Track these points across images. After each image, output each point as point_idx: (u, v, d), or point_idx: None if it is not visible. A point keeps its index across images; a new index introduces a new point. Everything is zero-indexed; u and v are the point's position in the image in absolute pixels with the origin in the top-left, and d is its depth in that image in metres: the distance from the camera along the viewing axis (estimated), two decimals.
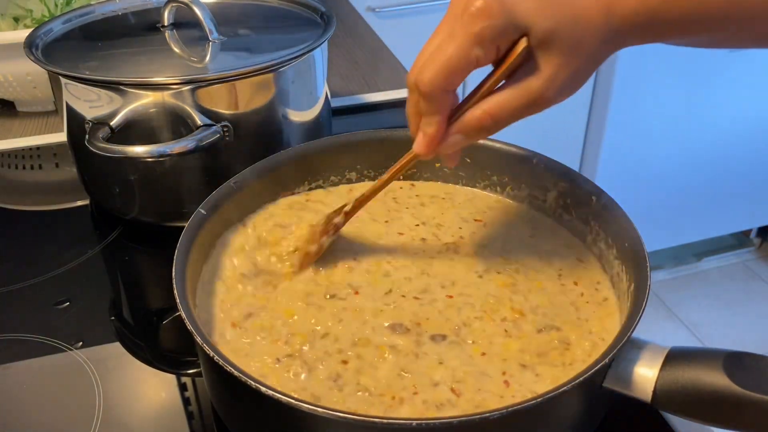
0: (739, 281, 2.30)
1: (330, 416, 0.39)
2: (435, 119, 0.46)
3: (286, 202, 0.65)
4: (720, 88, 1.93)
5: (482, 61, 0.43)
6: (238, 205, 0.61)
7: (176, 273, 0.50)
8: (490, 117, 0.45)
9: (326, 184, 0.67)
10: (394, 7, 1.68)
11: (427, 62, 0.43)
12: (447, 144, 0.47)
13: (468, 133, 0.46)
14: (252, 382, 0.41)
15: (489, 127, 0.45)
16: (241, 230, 0.60)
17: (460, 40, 0.42)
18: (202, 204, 0.57)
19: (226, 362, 0.42)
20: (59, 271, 0.70)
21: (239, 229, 0.60)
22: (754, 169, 2.12)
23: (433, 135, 0.46)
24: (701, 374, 0.41)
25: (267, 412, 0.44)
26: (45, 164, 0.90)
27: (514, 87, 0.44)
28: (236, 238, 0.60)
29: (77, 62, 0.70)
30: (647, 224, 0.54)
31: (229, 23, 0.77)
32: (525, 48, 0.42)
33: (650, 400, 0.43)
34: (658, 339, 0.45)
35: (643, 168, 2.01)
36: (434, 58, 0.43)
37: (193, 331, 0.45)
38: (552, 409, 0.43)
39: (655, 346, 0.44)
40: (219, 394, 0.50)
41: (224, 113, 0.67)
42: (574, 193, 0.59)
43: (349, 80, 1.08)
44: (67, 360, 0.59)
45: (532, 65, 0.43)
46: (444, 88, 0.44)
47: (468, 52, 0.42)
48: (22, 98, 0.99)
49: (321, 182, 0.67)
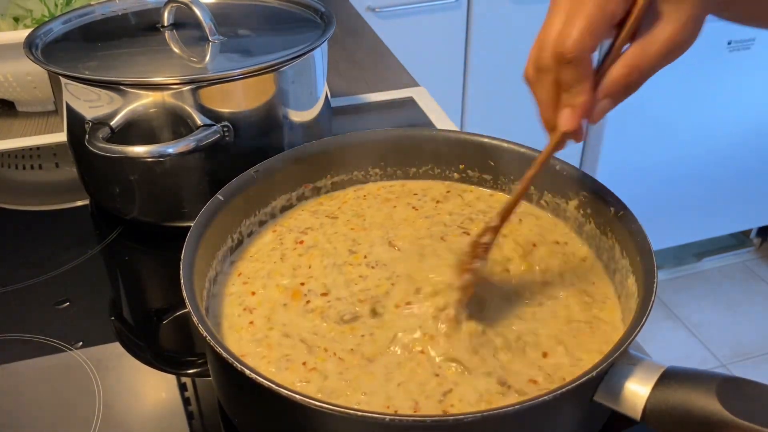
0: (739, 281, 2.30)
1: (341, 413, 0.39)
2: (584, 86, 0.45)
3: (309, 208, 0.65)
4: (720, 89, 1.93)
5: (617, 13, 0.44)
6: (257, 197, 0.61)
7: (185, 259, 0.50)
8: (636, 69, 0.45)
9: (349, 179, 0.68)
10: (394, 7, 1.68)
11: (565, 28, 0.44)
12: (597, 111, 0.46)
13: (616, 94, 0.46)
14: (263, 380, 0.41)
15: (636, 80, 0.45)
16: None
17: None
18: (221, 190, 0.57)
19: (235, 359, 0.42)
20: (59, 271, 0.70)
21: None
22: (754, 169, 2.12)
23: (584, 104, 0.46)
24: (693, 397, 0.41)
25: (277, 410, 0.44)
26: (45, 164, 0.90)
27: (647, 38, 0.44)
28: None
29: (77, 62, 0.70)
30: (647, 224, 0.54)
31: (229, 23, 0.77)
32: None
33: (639, 417, 0.43)
34: (658, 339, 0.45)
35: (643, 168, 2.01)
36: (572, 22, 0.43)
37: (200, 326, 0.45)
38: (537, 419, 0.43)
39: (651, 363, 0.44)
40: (227, 390, 0.50)
41: (224, 113, 0.67)
42: (594, 203, 0.59)
43: (349, 80, 1.08)
44: (67, 360, 0.59)
45: (654, 14, 0.44)
46: (591, 47, 0.44)
47: (604, 8, 0.43)
48: (22, 98, 0.99)
49: (344, 176, 0.67)
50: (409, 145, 0.68)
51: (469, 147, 0.66)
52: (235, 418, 0.50)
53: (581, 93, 0.45)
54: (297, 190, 0.65)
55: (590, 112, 0.47)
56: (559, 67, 0.45)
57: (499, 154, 0.65)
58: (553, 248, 0.60)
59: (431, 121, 0.96)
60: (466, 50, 1.76)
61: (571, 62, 0.44)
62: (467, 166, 0.67)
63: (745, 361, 2.02)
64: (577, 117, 0.46)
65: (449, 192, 0.67)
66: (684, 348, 2.06)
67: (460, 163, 0.68)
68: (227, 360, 0.42)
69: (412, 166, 0.69)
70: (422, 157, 0.68)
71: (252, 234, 0.62)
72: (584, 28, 0.43)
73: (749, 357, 2.03)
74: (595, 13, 0.43)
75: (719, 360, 2.02)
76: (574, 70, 0.44)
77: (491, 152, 0.66)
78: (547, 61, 0.45)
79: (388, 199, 0.67)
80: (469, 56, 1.76)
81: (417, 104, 1.00)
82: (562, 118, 0.47)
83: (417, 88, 1.05)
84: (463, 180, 0.68)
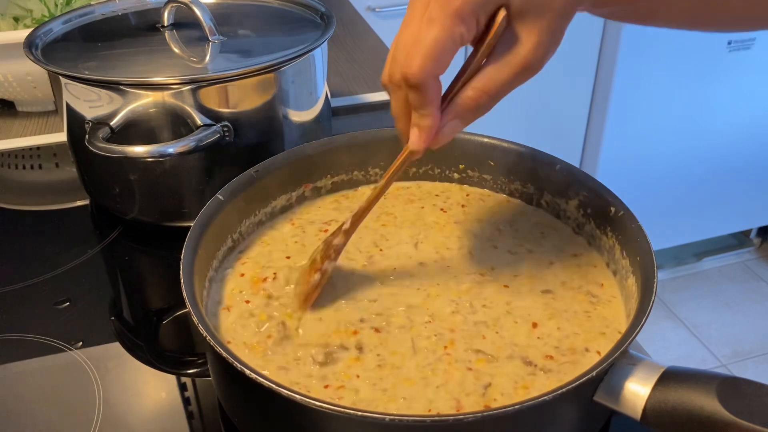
0: (739, 281, 2.30)
1: (341, 413, 0.40)
2: (429, 110, 0.45)
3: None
4: (720, 88, 1.93)
5: (466, 38, 0.42)
6: (257, 197, 0.61)
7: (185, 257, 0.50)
8: (485, 93, 0.44)
9: (349, 179, 0.68)
10: (394, 7, 1.68)
11: (412, 51, 0.42)
12: (444, 133, 0.46)
13: (464, 116, 0.46)
14: (264, 380, 0.41)
15: (485, 104, 0.45)
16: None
17: (441, 21, 0.41)
18: (220, 190, 0.57)
19: (235, 359, 0.42)
20: (59, 271, 0.70)
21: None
22: (754, 169, 2.12)
23: (429, 126, 0.45)
24: (693, 397, 0.41)
25: (277, 410, 0.45)
26: (45, 164, 0.91)
27: (501, 60, 0.43)
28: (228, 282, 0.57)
29: (77, 62, 0.70)
30: (647, 224, 0.54)
31: (229, 23, 0.77)
32: (504, 17, 0.42)
33: (639, 417, 0.43)
34: (658, 339, 0.45)
35: (643, 168, 2.01)
36: (418, 44, 0.42)
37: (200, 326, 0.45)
38: (537, 419, 0.43)
39: (651, 363, 0.44)
40: (227, 390, 0.50)
41: (224, 113, 0.67)
42: (595, 203, 0.59)
43: (349, 80, 1.08)
44: (67, 360, 0.59)
45: (511, 35, 0.43)
46: (435, 73, 0.43)
47: (452, 31, 0.41)
48: (22, 98, 0.99)
49: (344, 176, 0.67)
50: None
51: (469, 147, 0.66)
52: (235, 418, 0.50)
53: (426, 117, 0.45)
54: (297, 190, 0.65)
55: (436, 134, 0.46)
56: (407, 88, 0.44)
57: (499, 154, 0.65)
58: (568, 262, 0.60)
59: None
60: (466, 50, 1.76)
61: (416, 87, 0.43)
62: (467, 166, 0.67)
63: (745, 361, 2.02)
64: (423, 140, 0.46)
65: (468, 196, 0.68)
66: (684, 348, 2.06)
67: (460, 163, 0.68)
68: (227, 360, 0.42)
69: (411, 166, 0.69)
70: (422, 157, 0.68)
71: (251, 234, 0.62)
72: (428, 54, 0.42)
73: (749, 357, 2.03)
74: (442, 37, 0.41)
75: (719, 360, 2.02)
76: (419, 95, 0.44)
77: (491, 152, 0.66)
78: (396, 78, 0.44)
79: (411, 200, 0.67)
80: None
81: None
82: (412, 136, 0.47)
83: None
84: (463, 180, 0.68)
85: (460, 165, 0.68)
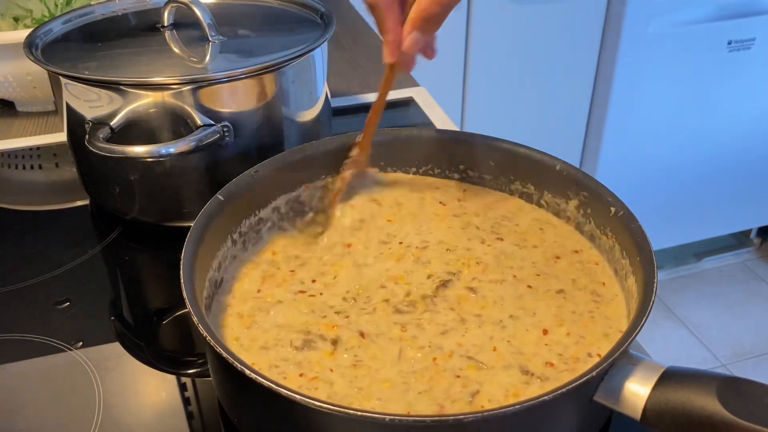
0: (739, 281, 2.30)
1: (341, 413, 0.40)
2: (387, 26, 0.53)
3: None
4: (720, 88, 1.93)
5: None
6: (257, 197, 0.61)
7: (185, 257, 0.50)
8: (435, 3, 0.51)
9: None
10: None
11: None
12: (407, 44, 0.54)
13: (421, 26, 0.53)
14: (264, 380, 0.41)
15: (436, 12, 0.52)
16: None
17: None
18: (220, 190, 0.58)
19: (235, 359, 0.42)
20: (59, 271, 0.70)
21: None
22: (754, 169, 2.12)
23: (391, 41, 0.54)
24: (693, 397, 0.41)
25: (277, 410, 0.45)
26: (45, 164, 0.90)
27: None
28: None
29: (77, 62, 0.70)
30: (647, 224, 0.54)
31: (229, 23, 0.77)
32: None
33: (639, 417, 0.43)
34: (658, 339, 0.45)
35: (643, 168, 2.01)
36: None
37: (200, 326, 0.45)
38: (537, 419, 0.43)
39: (651, 363, 0.44)
40: (227, 390, 0.50)
41: (224, 113, 0.67)
42: (594, 203, 0.59)
43: (349, 80, 1.08)
44: (67, 360, 0.59)
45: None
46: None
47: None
48: (22, 98, 0.99)
49: None
50: (409, 145, 0.68)
51: (470, 147, 0.66)
52: (235, 418, 0.50)
53: (388, 32, 0.54)
54: (297, 190, 0.65)
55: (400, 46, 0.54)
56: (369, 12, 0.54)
57: (499, 154, 0.65)
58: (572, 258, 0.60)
59: (431, 121, 0.96)
60: (466, 50, 1.76)
61: (371, 7, 0.53)
62: (467, 166, 0.67)
63: (745, 361, 2.02)
64: (390, 52, 0.55)
65: (466, 191, 0.68)
66: (684, 348, 2.06)
67: (460, 163, 0.68)
68: (227, 360, 0.42)
69: (412, 166, 0.69)
70: (422, 157, 0.68)
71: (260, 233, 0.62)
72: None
73: (749, 357, 2.03)
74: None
75: (719, 360, 2.02)
76: (376, 14, 0.53)
77: (491, 152, 0.66)
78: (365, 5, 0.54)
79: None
80: (469, 56, 1.76)
81: (417, 104, 1.00)
82: (383, 52, 0.56)
83: (417, 88, 1.05)
84: (463, 180, 0.68)
85: (460, 165, 0.68)
